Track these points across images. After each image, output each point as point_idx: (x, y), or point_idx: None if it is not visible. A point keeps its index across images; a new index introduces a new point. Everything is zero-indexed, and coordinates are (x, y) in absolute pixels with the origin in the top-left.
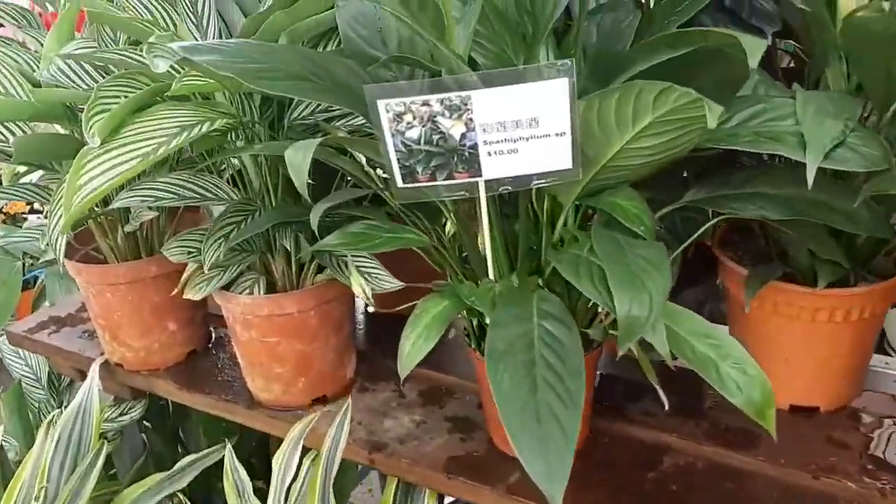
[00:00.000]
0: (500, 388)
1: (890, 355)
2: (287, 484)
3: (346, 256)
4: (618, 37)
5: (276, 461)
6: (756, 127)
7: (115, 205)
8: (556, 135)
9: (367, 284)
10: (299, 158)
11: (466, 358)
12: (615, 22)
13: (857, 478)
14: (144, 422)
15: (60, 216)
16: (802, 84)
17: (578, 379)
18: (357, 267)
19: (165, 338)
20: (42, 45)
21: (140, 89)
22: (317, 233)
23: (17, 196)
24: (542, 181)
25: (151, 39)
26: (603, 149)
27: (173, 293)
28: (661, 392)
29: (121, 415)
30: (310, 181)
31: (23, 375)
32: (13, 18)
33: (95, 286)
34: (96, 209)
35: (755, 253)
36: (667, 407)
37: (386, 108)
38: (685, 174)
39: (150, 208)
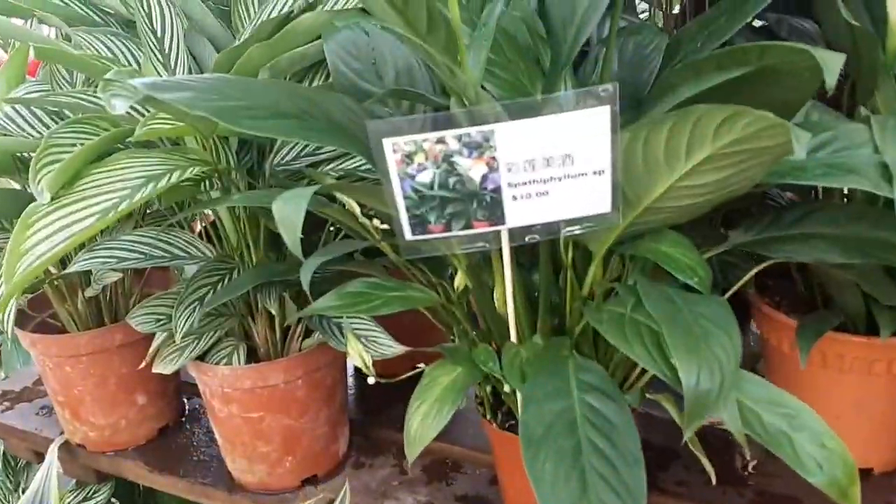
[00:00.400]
0: (541, 483)
1: None
2: None
3: (339, 318)
4: (643, 63)
5: None
6: (827, 158)
7: (73, 268)
8: (594, 173)
9: (366, 352)
10: (291, 211)
11: (475, 425)
12: (638, 47)
13: None
14: (113, 499)
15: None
16: (840, 109)
17: (637, 469)
18: (353, 330)
19: (133, 413)
20: None
21: (99, 135)
22: (309, 294)
23: None
24: (575, 227)
25: (108, 75)
26: (646, 188)
27: (142, 366)
28: (707, 464)
29: (84, 500)
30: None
31: None
32: None
33: (53, 358)
34: (52, 272)
35: (794, 298)
36: (714, 481)
37: (393, 148)
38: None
39: (114, 270)
